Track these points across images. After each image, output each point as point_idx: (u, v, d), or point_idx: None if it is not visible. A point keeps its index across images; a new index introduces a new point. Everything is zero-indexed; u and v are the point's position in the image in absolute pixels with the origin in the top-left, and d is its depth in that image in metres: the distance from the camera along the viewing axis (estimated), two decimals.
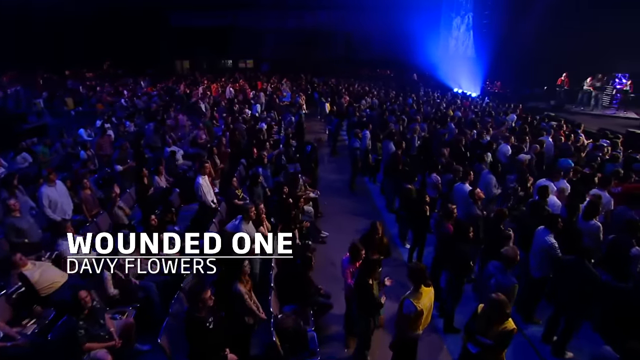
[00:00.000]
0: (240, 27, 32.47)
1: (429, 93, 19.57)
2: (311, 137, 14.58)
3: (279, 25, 32.65)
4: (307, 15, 32.72)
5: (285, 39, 32.35)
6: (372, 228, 4.87)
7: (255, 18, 32.46)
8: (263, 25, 32.59)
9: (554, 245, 4.55)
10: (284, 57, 32.51)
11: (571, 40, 17.30)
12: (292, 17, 32.72)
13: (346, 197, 9.16)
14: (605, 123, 14.32)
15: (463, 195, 6.15)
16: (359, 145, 9.17)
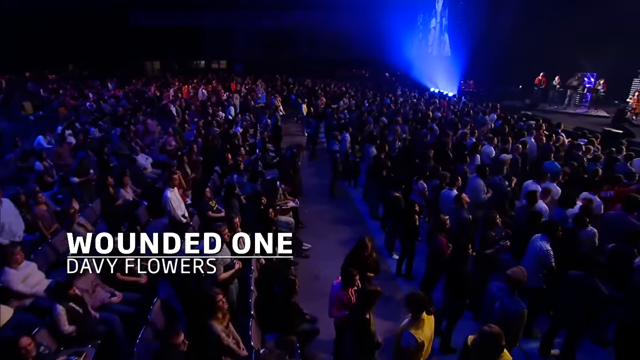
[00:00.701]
0: (213, 26, 31.59)
1: (406, 93, 19.41)
2: (288, 140, 14.14)
3: (252, 25, 31.96)
4: (283, 15, 32.16)
5: (259, 38, 31.73)
6: (360, 245, 4.41)
7: (228, 17, 31.65)
8: (236, 24, 31.81)
9: (549, 253, 4.29)
10: (258, 57, 31.87)
11: (544, 39, 17.53)
12: (266, 17, 32.09)
13: (327, 203, 8.74)
14: (579, 121, 14.50)
15: (451, 202, 5.85)
16: (339, 149, 8.77)
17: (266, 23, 32.14)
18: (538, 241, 4.41)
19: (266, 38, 31.92)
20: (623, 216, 5.28)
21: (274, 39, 31.95)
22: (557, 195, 6.20)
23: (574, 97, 16.98)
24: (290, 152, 8.13)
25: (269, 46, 32.02)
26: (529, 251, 4.59)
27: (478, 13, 20.18)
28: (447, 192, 5.97)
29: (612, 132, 10.66)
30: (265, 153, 9.32)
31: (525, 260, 4.51)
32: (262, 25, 32.06)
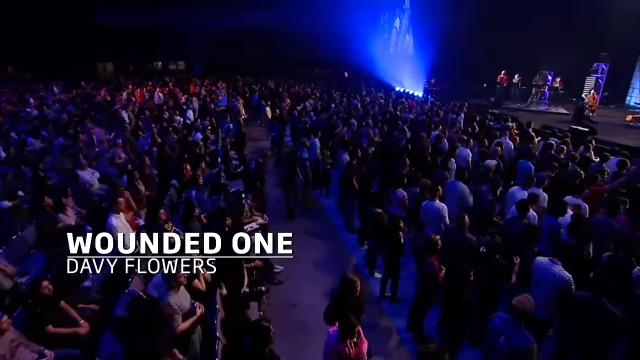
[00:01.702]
0: (170, 25, 29.94)
1: (372, 93, 19.05)
2: (253, 145, 13.36)
3: (211, 24, 30.64)
4: (242, 14, 31.10)
5: (218, 38, 30.46)
6: (346, 285, 3.63)
7: (186, 16, 30.16)
8: (195, 23, 30.37)
9: (571, 281, 3.84)
10: (218, 57, 30.55)
11: (503, 37, 17.75)
12: (225, 16, 30.89)
13: (298, 216, 8.08)
14: (541, 119, 14.69)
15: (434, 214, 5.38)
16: (308, 156, 8.13)
17: (225, 22, 30.96)
18: (553, 268, 3.93)
19: (226, 37, 30.71)
20: (605, 220, 5.02)
21: (234, 39, 30.81)
22: (544, 201, 5.92)
23: (537, 95, 17.29)
24: (255, 163, 7.38)
25: (229, 46, 30.84)
26: (541, 278, 4.07)
27: (439, 12, 20.20)
28: (429, 204, 5.46)
29: (579, 130, 10.70)
30: (227, 163, 8.53)
31: (537, 289, 4.03)
32: (221, 25, 30.84)
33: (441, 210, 5.30)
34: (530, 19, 17.03)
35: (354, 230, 7.11)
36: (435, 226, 5.36)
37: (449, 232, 4.90)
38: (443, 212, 5.28)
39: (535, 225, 4.67)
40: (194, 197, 6.14)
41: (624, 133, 12.78)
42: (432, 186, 5.58)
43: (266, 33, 31.26)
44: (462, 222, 4.76)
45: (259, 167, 7.22)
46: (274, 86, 22.53)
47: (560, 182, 6.45)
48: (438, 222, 5.33)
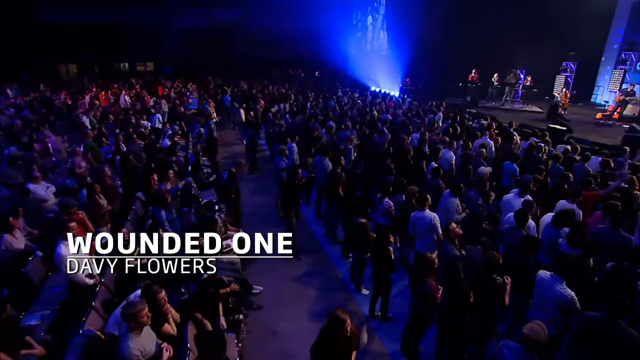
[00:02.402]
0: (139, 24, 28.55)
1: (349, 93, 18.70)
2: (226, 150, 12.74)
3: (183, 23, 29.51)
4: (215, 13, 30.16)
5: (190, 38, 29.26)
6: (334, 324, 3.09)
7: (155, 15, 28.88)
8: (165, 22, 29.12)
9: (574, 300, 3.53)
10: (189, 57, 29.34)
11: (478, 36, 17.84)
12: (196, 15, 29.86)
13: (276, 227, 7.47)
14: (516, 117, 14.73)
15: (425, 226, 5.01)
16: (286, 165, 7.59)
17: (196, 21, 29.95)
18: (556, 285, 3.62)
19: (198, 37, 29.61)
20: (611, 232, 4.77)
21: (206, 38, 29.76)
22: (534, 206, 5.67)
23: (510, 94, 17.44)
24: (228, 173, 6.79)
25: (201, 46, 29.71)
26: (544, 297, 3.76)
27: (413, 10, 20.09)
28: (419, 214, 5.08)
29: (557, 129, 10.68)
30: (198, 171, 7.93)
31: (544, 305, 3.71)
32: (192, 24, 29.81)
33: (432, 220, 4.93)
34: (502, 19, 17.17)
35: (337, 242, 6.68)
36: (427, 238, 5.00)
37: (444, 247, 4.53)
38: (435, 222, 4.92)
39: (535, 237, 4.36)
40: (163, 218, 5.53)
41: (596, 131, 12.98)
42: (421, 195, 5.18)
43: (237, 32, 30.48)
44: (449, 234, 4.43)
45: (232, 177, 6.65)
46: (247, 87, 21.85)
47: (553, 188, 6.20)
48: (430, 233, 4.96)
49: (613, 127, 13.59)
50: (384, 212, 5.67)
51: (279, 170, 7.44)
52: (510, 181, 7.44)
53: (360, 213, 5.12)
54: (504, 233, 4.82)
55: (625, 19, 17.78)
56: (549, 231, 4.67)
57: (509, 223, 4.91)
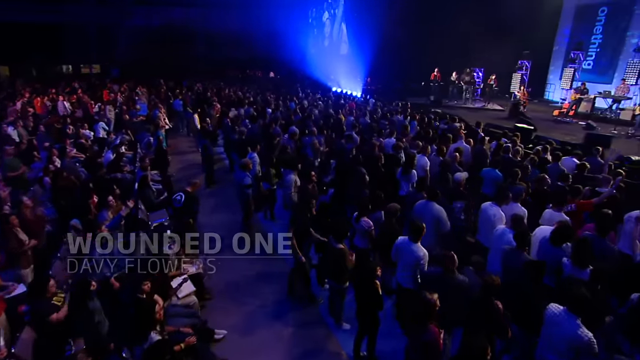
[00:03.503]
0: (84, 23, 26.35)
1: (310, 95, 17.96)
2: (180, 160, 11.64)
3: (136, 22, 27.56)
4: (170, 11, 28.44)
5: (143, 37, 27.44)
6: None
7: (103, 13, 26.78)
8: (116, 21, 27.08)
9: (592, 342, 3.01)
10: (141, 59, 27.39)
11: (437, 35, 17.80)
12: (150, 13, 28.02)
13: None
14: (479, 116, 14.67)
15: (412, 260, 4.29)
16: (251, 181, 6.69)
17: (145, 20, 28.07)
18: (569, 324, 3.08)
19: (147, 37, 27.76)
20: (599, 240, 4.37)
21: (157, 38, 27.96)
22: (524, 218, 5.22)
23: (469, 92, 17.47)
24: (184, 196, 5.78)
25: (150, 46, 27.88)
26: (554, 330, 3.24)
27: (372, 7, 19.73)
28: (406, 243, 4.34)
29: (525, 128, 10.54)
30: (146, 189, 6.90)
31: (553, 350, 3.18)
32: (141, 23, 27.91)
33: (422, 258, 4.21)
34: (460, 17, 17.28)
35: (312, 266, 5.92)
36: (409, 271, 4.35)
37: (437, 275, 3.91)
38: (423, 262, 4.22)
39: (541, 263, 3.82)
40: (97, 254, 4.55)
41: (556, 128, 13.08)
42: (416, 225, 4.32)
43: (189, 32, 28.95)
44: (448, 264, 3.82)
45: (190, 199, 5.65)
46: (202, 90, 20.54)
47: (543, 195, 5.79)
48: (414, 268, 4.30)
49: (571, 124, 13.82)
50: (362, 233, 5.00)
51: (243, 186, 6.52)
52: (493, 188, 7.03)
53: (338, 237, 4.39)
54: (502, 254, 4.28)
55: (570, 19, 18.55)
56: (548, 249, 4.18)
57: (499, 240, 4.41)
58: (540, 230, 4.61)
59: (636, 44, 14.89)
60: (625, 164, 8.40)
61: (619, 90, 14.78)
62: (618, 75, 16.28)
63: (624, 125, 12.82)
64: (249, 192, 6.51)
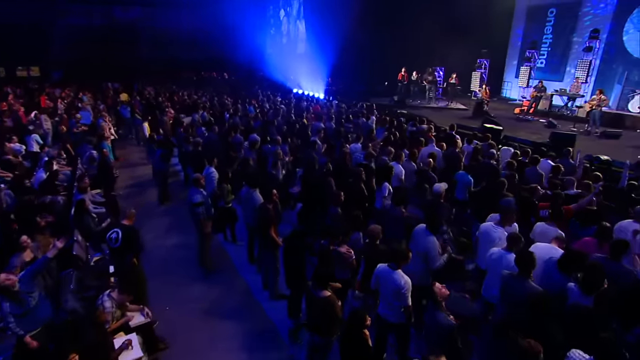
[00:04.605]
0: (18, 23, 23.87)
1: (271, 98, 17.11)
2: (128, 175, 10.50)
3: (75, 21, 25.42)
4: (113, 10, 26.50)
5: (83, 37, 25.34)
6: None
7: (33, 10, 24.34)
8: (53, 20, 24.81)
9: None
10: (82, 60, 25.24)
11: (399, 34, 17.60)
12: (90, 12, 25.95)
13: (197, 281, 5.79)
14: (444, 116, 14.57)
15: (392, 289, 3.68)
16: (203, 199, 5.74)
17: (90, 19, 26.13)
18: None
19: (92, 37, 25.78)
20: (606, 261, 3.95)
21: (104, 39, 26.01)
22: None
23: (433, 91, 17.37)
24: (120, 233, 4.61)
25: (96, 47, 25.86)
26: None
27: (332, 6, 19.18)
28: (386, 272, 3.73)
29: (494, 129, 10.33)
30: (85, 216, 5.87)
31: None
32: (90, 22, 25.88)
33: (403, 288, 3.61)
34: (420, 17, 17.17)
35: (281, 297, 5.20)
36: (393, 304, 3.75)
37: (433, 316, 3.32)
38: (405, 292, 3.62)
39: (548, 295, 3.32)
40: (6, 311, 3.56)
41: (520, 127, 13.08)
42: (399, 251, 3.74)
43: (142, 31, 27.19)
44: (437, 299, 3.26)
45: (128, 236, 4.66)
46: (154, 94, 19.12)
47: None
48: (396, 299, 3.70)
49: (532, 122, 13.95)
50: (341, 262, 4.33)
51: (192, 205, 5.66)
52: (465, 193, 6.64)
53: (320, 282, 3.66)
54: (501, 281, 3.77)
55: (523, 20, 19.06)
56: (555, 275, 3.70)
57: (502, 265, 3.90)
58: (540, 249, 4.14)
59: (584, 44, 15.33)
60: (594, 163, 8.34)
61: (573, 88, 15.17)
62: (568, 73, 16.85)
63: (580, 122, 13.05)
64: (200, 212, 5.63)
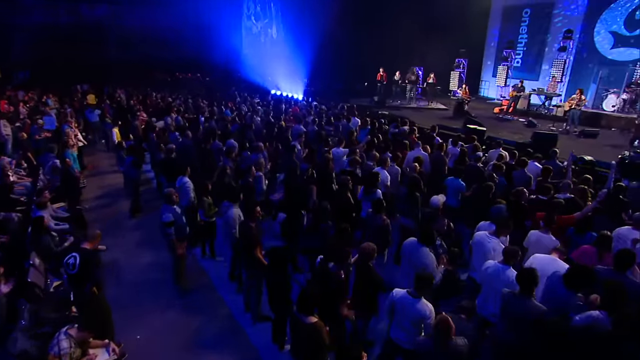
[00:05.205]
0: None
1: (248, 99, 16.55)
2: (97, 184, 9.83)
3: (37, 19, 24.09)
4: (79, 8, 25.30)
5: (47, 37, 24.05)
6: None
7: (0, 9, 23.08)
8: (15, 19, 23.48)
9: None
10: (46, 61, 23.95)
11: (378, 34, 17.40)
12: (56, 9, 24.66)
13: (173, 306, 5.24)
14: (425, 116, 14.43)
15: (413, 319, 3.38)
16: (176, 216, 5.21)
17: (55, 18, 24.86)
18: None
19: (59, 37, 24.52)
20: (611, 273, 3.73)
21: (72, 38, 24.79)
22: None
23: (412, 91, 17.25)
24: (78, 258, 3.99)
25: (63, 47, 24.61)
26: None
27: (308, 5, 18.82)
28: (406, 300, 3.38)
29: (478, 129, 10.18)
30: (43, 236, 5.29)
31: None
32: (55, 20, 24.59)
33: (429, 318, 3.31)
34: (398, 17, 17.08)
35: (264, 319, 4.78)
36: (411, 331, 3.41)
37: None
38: (431, 321, 3.30)
39: (560, 322, 3.03)
40: None
41: (501, 127, 13.03)
42: (424, 278, 3.39)
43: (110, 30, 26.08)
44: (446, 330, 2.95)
45: (86, 262, 4.06)
46: (126, 97, 18.21)
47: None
48: (415, 327, 3.38)
49: (512, 122, 13.97)
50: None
51: (164, 225, 5.11)
52: (457, 199, 6.40)
53: (305, 308, 3.25)
54: (501, 300, 3.49)
55: (499, 19, 19.27)
56: (560, 291, 3.43)
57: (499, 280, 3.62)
58: (540, 262, 3.89)
59: (559, 44, 15.54)
60: (578, 164, 8.27)
61: (550, 87, 15.34)
62: (544, 72, 17.08)
63: (558, 121, 13.14)
64: (171, 232, 5.11)
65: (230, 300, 5.34)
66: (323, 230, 4.76)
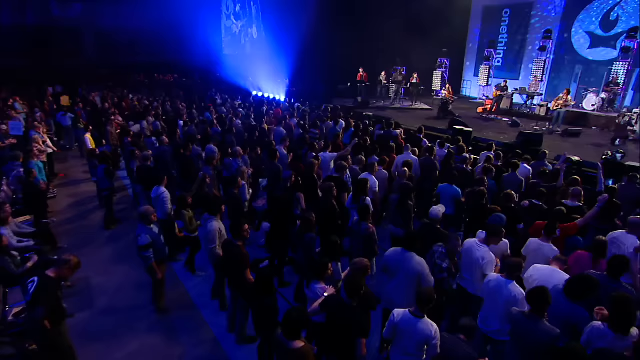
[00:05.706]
0: None
1: (229, 102, 16.06)
2: (70, 195, 9.26)
3: (6, 20, 22.98)
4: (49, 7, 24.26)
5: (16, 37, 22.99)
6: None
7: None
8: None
9: None
10: (17, 64, 22.88)
11: (361, 34, 17.20)
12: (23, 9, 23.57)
13: (152, 331, 4.79)
14: (410, 116, 14.30)
15: (418, 342, 3.12)
16: (154, 236, 4.71)
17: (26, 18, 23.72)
18: None
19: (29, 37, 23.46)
20: (607, 279, 3.54)
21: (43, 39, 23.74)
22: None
23: (399, 92, 17.10)
24: (35, 284, 3.40)
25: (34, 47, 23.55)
26: None
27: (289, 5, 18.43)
28: (408, 320, 3.14)
29: (464, 130, 10.03)
30: (1, 257, 4.79)
31: None
32: (22, 21, 23.52)
33: (434, 339, 3.08)
34: (380, 17, 16.92)
35: (250, 340, 4.43)
36: (411, 352, 3.16)
37: None
38: (436, 342, 3.09)
39: (575, 348, 2.78)
40: None
41: (486, 126, 12.97)
42: (426, 294, 3.15)
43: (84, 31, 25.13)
44: None
45: (41, 290, 3.37)
46: (100, 99, 17.45)
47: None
48: (419, 350, 3.12)
49: (496, 121, 13.94)
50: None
51: (140, 248, 4.64)
52: (453, 207, 6.15)
53: (291, 332, 2.96)
54: (510, 322, 3.24)
55: (479, 19, 19.38)
56: (562, 304, 3.19)
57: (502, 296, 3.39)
58: (541, 274, 3.67)
59: (538, 44, 15.66)
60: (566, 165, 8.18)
61: (532, 86, 15.43)
62: (524, 71, 17.22)
63: (541, 121, 13.17)
64: (149, 255, 4.65)
65: (212, 321, 4.92)
66: (308, 241, 4.44)
